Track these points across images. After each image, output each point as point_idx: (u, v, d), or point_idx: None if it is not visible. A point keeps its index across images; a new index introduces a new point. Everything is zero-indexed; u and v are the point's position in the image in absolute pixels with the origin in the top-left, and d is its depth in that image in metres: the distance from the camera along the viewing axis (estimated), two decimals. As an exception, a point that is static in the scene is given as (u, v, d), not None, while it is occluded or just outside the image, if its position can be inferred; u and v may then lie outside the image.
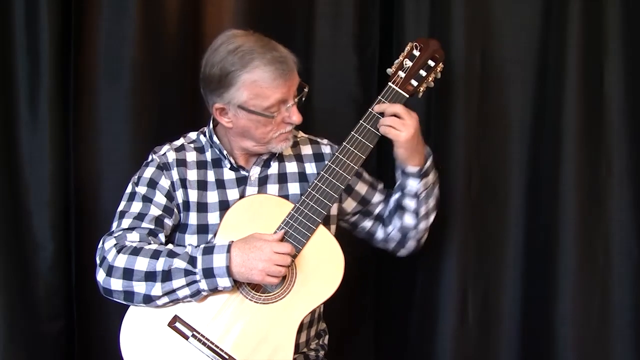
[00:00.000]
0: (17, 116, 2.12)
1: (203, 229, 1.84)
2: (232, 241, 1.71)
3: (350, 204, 1.99)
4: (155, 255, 1.71)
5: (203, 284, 1.69)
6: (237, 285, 1.73)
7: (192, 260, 1.69)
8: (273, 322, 1.72)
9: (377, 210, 2.01)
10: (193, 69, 2.19)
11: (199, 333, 1.71)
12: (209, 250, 1.70)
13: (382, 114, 1.83)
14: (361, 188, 1.99)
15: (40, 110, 2.11)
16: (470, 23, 2.17)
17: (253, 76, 1.75)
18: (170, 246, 1.78)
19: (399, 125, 1.81)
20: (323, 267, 1.76)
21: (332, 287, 1.74)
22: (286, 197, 1.87)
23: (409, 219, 1.92)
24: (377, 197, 2.01)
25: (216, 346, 1.71)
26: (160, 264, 1.69)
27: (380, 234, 2.01)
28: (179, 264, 1.69)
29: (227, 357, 1.70)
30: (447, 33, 2.14)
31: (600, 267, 2.18)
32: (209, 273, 1.68)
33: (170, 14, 2.23)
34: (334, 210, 1.95)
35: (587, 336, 2.16)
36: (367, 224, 2.02)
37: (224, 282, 1.69)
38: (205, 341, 1.71)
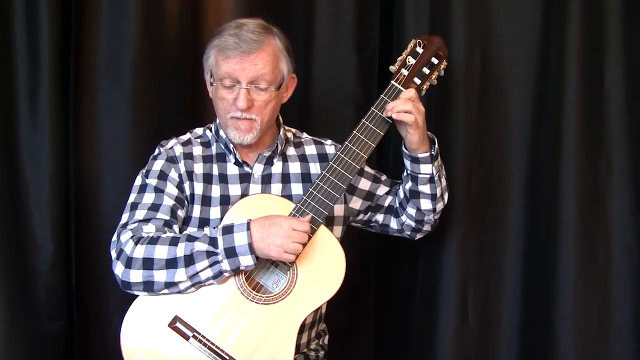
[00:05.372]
0: (17, 116, 2.12)
1: (204, 222, 1.84)
2: (250, 219, 1.71)
3: (357, 203, 1.99)
4: (174, 242, 1.71)
5: (225, 264, 1.69)
6: (237, 285, 1.73)
7: (212, 242, 1.69)
8: (274, 322, 1.72)
9: (386, 202, 2.02)
10: (193, 69, 2.19)
11: (199, 334, 1.71)
12: (228, 230, 1.70)
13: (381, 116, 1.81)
14: (365, 184, 1.99)
15: (40, 110, 2.10)
16: (470, 23, 2.17)
17: (216, 42, 1.82)
18: (187, 231, 1.78)
19: (414, 109, 1.78)
20: (324, 267, 1.75)
21: (334, 288, 1.74)
22: (289, 197, 1.86)
23: (426, 204, 1.92)
24: (382, 189, 2.01)
25: (217, 347, 1.70)
26: (180, 250, 1.70)
27: (394, 224, 2.02)
28: (200, 246, 1.69)
29: (227, 357, 1.70)
30: (447, 33, 2.13)
31: (600, 267, 2.18)
32: (231, 252, 1.68)
33: (170, 14, 2.23)
34: (340, 212, 1.95)
35: (587, 336, 2.16)
36: (379, 217, 2.03)
37: (246, 260, 1.69)
38: (206, 342, 1.71)
